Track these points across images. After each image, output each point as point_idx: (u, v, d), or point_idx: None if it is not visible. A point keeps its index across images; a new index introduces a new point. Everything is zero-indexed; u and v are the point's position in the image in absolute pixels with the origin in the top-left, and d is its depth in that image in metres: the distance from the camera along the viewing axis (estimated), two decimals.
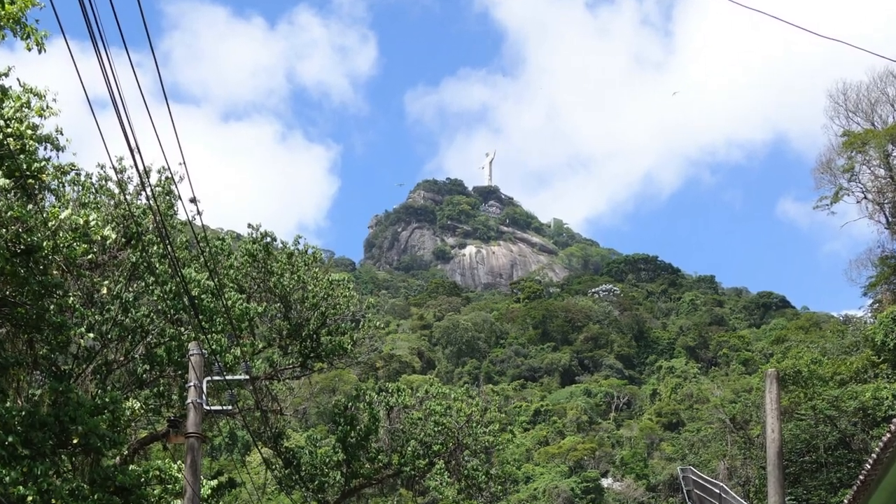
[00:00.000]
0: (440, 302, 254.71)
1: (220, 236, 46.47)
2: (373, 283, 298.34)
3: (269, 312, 42.13)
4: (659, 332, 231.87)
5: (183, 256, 37.42)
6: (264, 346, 42.41)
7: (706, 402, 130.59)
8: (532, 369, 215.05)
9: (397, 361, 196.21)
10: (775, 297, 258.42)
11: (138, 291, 33.72)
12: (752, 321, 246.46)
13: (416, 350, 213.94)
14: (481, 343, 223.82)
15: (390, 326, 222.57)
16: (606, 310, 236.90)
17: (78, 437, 25.49)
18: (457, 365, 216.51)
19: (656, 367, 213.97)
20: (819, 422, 68.19)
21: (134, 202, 34.95)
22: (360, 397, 47.65)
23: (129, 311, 32.76)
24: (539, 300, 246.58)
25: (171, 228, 35.88)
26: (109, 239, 29.50)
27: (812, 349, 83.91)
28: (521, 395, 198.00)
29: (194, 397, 26.78)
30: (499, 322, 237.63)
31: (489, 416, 51.39)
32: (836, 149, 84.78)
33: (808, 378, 70.36)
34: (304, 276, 42.43)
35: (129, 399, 34.01)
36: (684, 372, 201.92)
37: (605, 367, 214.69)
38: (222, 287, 37.11)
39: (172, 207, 36.45)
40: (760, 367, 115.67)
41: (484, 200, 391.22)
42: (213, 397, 34.09)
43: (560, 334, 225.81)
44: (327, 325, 43.26)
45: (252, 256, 41.95)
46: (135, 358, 34.35)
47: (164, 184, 36.03)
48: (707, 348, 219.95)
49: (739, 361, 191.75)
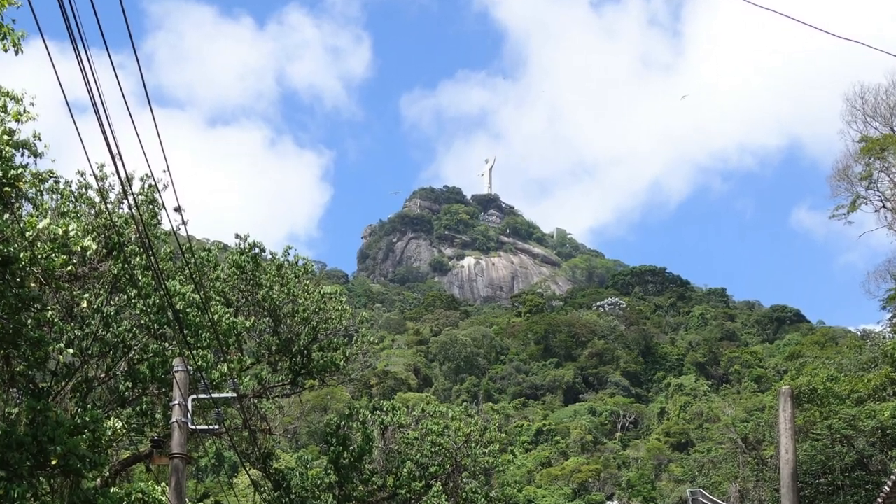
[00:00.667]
0: (437, 316, 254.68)
1: (206, 247, 46.48)
2: (366, 297, 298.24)
3: (258, 327, 42.13)
4: (667, 348, 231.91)
5: (167, 268, 37.40)
6: (252, 362, 42.38)
7: (717, 422, 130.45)
8: (534, 387, 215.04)
9: (392, 378, 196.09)
10: (789, 310, 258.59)
11: (120, 305, 33.68)
12: (764, 336, 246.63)
13: (411, 367, 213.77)
14: (480, 359, 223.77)
15: (385, 342, 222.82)
16: (612, 324, 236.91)
17: (57, 458, 25.44)
18: (455, 382, 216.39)
19: (664, 385, 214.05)
20: (835, 442, 68.14)
21: (116, 211, 34.93)
22: (354, 416, 47.65)
23: (111, 325, 32.73)
24: (541, 314, 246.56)
25: (154, 239, 35.86)
26: (90, 250, 29.47)
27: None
28: (523, 414, 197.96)
29: (179, 416, 26.75)
30: (499, 337, 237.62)
31: (489, 436, 51.41)
32: (854, 155, 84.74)
33: (824, 396, 70.31)
34: (294, 288, 42.43)
35: (111, 418, 33.93)
36: (694, 389, 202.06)
37: (611, 385, 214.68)
38: (208, 300, 37.09)
39: (156, 217, 36.43)
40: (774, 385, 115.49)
41: (483, 209, 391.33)
42: (199, 416, 34.06)
43: (563, 350, 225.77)
44: (319, 341, 43.25)
45: (240, 268, 41.95)
46: (116, 375, 34.31)
47: (147, 192, 36.02)
48: (718, 365, 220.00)
49: (752, 378, 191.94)
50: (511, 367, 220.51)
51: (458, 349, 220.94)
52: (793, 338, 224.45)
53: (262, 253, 43.07)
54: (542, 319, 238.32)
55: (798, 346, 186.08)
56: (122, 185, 30.12)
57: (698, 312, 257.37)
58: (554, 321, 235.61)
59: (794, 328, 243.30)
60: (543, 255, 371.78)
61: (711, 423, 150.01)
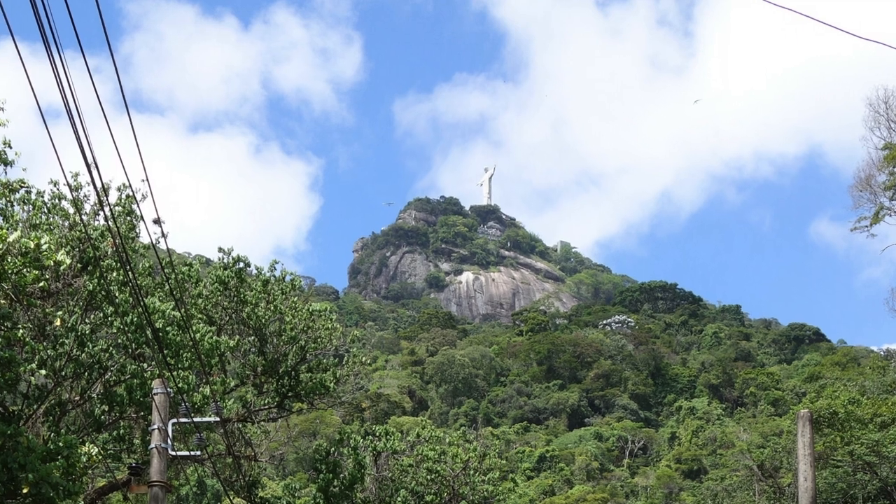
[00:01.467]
0: (433, 335, 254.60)
1: (187, 261, 46.48)
2: (358, 314, 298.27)
3: (243, 346, 42.08)
4: (678, 369, 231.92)
5: (146, 284, 37.38)
6: (237, 384, 42.35)
7: (731, 447, 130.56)
8: (536, 410, 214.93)
9: (385, 401, 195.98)
10: (808, 329, 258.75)
11: (96, 323, 33.64)
12: (782, 356, 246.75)
13: (406, 389, 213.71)
14: (479, 381, 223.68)
15: (378, 362, 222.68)
16: (619, 344, 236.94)
17: (28, 486, 25.41)
18: (452, 405, 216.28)
19: (675, 408, 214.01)
20: (857, 469, 68.13)
21: (91, 223, 34.91)
22: (344, 441, 47.58)
23: (86, 345, 32.69)
24: (544, 333, 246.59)
25: (132, 253, 35.85)
26: (63, 264, 29.46)
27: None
28: (525, 439, 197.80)
29: (158, 441, 26.72)
30: (499, 357, 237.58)
31: (488, 463, 51.37)
32: (877, 163, 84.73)
33: (846, 420, 70.26)
34: (281, 305, 42.41)
35: (86, 443, 33.91)
36: (706, 413, 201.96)
37: (618, 408, 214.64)
38: (190, 318, 37.08)
39: (134, 229, 36.42)
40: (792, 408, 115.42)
41: (482, 221, 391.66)
42: (180, 441, 34.01)
43: (568, 371, 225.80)
44: (307, 361, 43.22)
45: (223, 284, 41.93)
46: (92, 397, 34.25)
47: (124, 203, 36.01)
48: (732, 387, 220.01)
49: (768, 401, 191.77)
50: (512, 390, 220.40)
51: (456, 370, 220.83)
52: (812, 358, 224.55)
53: (247, 268, 43.05)
54: (545, 338, 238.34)
55: (817, 367, 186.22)
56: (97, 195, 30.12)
57: (711, 331, 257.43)
58: (557, 340, 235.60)
59: (813, 348, 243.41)
60: (546, 270, 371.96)
61: (725, 448, 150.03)
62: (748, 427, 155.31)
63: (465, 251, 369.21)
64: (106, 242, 33.85)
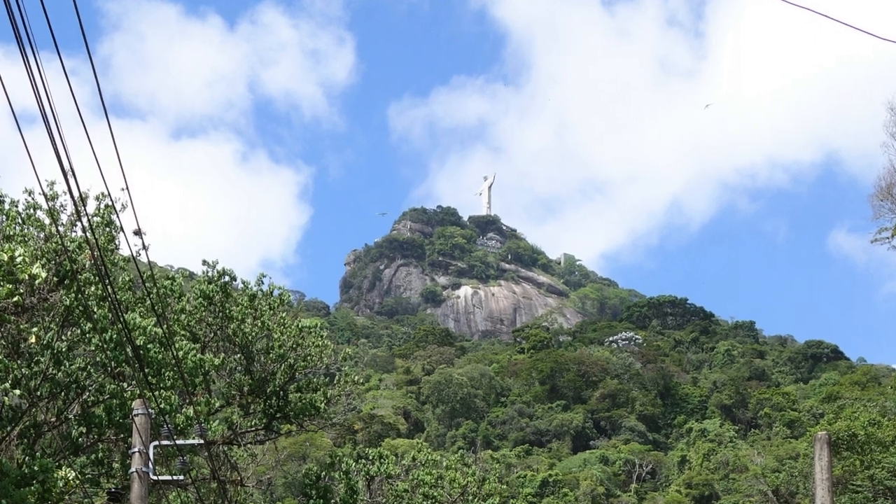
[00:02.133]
0: (430, 352, 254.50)
1: (169, 275, 46.45)
2: (350, 331, 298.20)
3: (228, 365, 42.06)
4: (689, 389, 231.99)
5: (126, 299, 37.37)
6: (222, 404, 42.32)
7: (745, 472, 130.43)
8: (539, 432, 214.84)
9: (379, 423, 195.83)
10: (826, 346, 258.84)
11: (73, 340, 33.63)
12: (798, 375, 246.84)
13: (401, 409, 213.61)
14: (479, 401, 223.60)
15: (371, 381, 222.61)
16: (627, 362, 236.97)
17: None
18: (450, 427, 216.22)
19: (685, 430, 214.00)
20: (878, 494, 68.12)
21: (68, 235, 34.91)
22: (336, 465, 47.55)
23: (62, 363, 32.67)
24: (547, 351, 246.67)
25: (111, 266, 35.84)
26: (39, 278, 29.46)
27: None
28: (526, 463, 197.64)
29: (139, 465, 26.69)
30: (499, 376, 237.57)
31: (488, 488, 51.34)
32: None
33: (865, 443, 70.31)
34: (268, 322, 42.40)
35: (63, 467, 33.87)
36: (718, 435, 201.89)
37: (625, 430, 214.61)
38: (172, 335, 37.06)
39: (113, 241, 36.43)
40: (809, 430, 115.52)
41: (482, 233, 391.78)
42: (162, 465, 33.96)
43: (572, 391, 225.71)
44: (296, 380, 43.21)
45: (207, 299, 41.91)
46: (69, 419, 34.23)
47: (103, 213, 36.02)
48: (745, 407, 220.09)
49: (784, 423, 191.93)
50: (513, 411, 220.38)
51: (454, 390, 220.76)
52: (830, 377, 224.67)
53: (233, 282, 43.05)
54: (548, 356, 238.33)
55: (836, 387, 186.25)
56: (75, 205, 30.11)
57: (724, 349, 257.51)
58: (561, 358, 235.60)
59: (831, 366, 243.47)
60: (549, 284, 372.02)
61: (738, 473, 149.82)
62: (762, 450, 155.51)
63: (464, 264, 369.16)
64: (84, 255, 33.84)
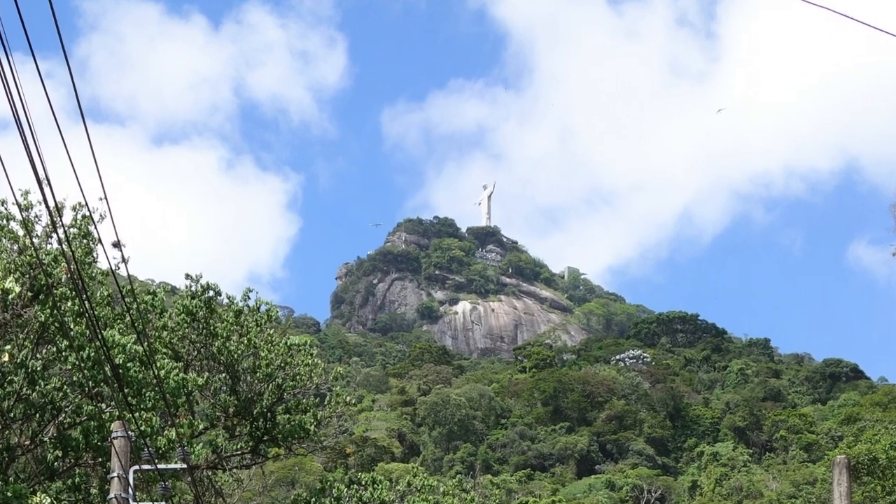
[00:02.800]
0: (426, 372, 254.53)
1: (150, 290, 46.44)
2: (342, 349, 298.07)
3: (212, 385, 42.04)
4: (700, 410, 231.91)
5: (104, 315, 37.34)
6: (206, 426, 42.30)
7: (759, 498, 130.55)
8: (541, 456, 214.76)
9: (372, 446, 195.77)
10: (845, 365, 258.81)
11: (48, 358, 33.61)
12: (816, 396, 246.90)
13: (395, 432, 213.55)
14: (478, 423, 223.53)
15: (364, 402, 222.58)
16: (634, 381, 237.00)
17: None
18: (447, 450, 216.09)
19: (697, 454, 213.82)
20: None
21: (43, 247, 34.91)
22: (327, 491, 47.50)
23: (37, 382, 32.65)
24: (550, 369, 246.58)
25: (89, 280, 35.82)
26: (12, 293, 29.47)
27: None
28: (528, 489, 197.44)
29: (118, 491, 26.65)
30: (499, 397, 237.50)
31: None
32: None
33: (887, 467, 70.28)
34: (255, 339, 42.36)
35: (37, 493, 33.85)
36: (732, 459, 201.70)
37: (633, 454, 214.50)
38: (153, 353, 37.03)
39: (91, 254, 36.42)
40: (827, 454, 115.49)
41: (481, 245, 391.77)
42: (142, 491, 33.95)
43: (576, 412, 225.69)
44: (285, 401, 43.18)
45: (190, 315, 41.89)
46: (44, 441, 34.20)
47: (80, 224, 36.01)
48: (760, 430, 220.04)
49: (801, 446, 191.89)
50: (514, 433, 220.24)
51: (451, 411, 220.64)
52: (849, 398, 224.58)
53: (218, 297, 43.01)
54: (551, 376, 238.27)
55: (856, 408, 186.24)
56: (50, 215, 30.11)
57: (737, 367, 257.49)
58: (565, 378, 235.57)
59: (850, 386, 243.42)
60: (552, 300, 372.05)
61: (753, 499, 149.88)
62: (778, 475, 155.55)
63: (462, 278, 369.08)
64: (59, 268, 33.84)
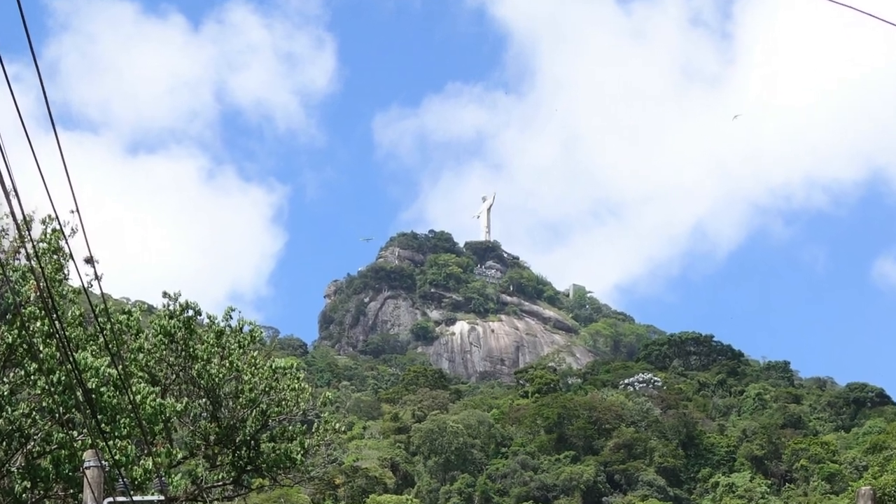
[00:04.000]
0: (421, 397, 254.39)
1: (125, 309, 46.49)
2: (331, 372, 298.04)
3: (192, 411, 42.06)
4: (715, 438, 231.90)
5: (76, 336, 37.36)
6: (185, 455, 42.30)
7: None
8: (544, 487, 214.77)
9: (363, 476, 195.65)
10: (870, 390, 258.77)
11: (16, 383, 33.64)
12: (839, 423, 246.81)
13: (388, 461, 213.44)
14: (476, 452, 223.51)
15: (354, 429, 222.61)
16: (644, 407, 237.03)
17: None
18: (443, 481, 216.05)
19: (711, 485, 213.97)
20: None
21: (10, 263, 34.94)
22: None
23: (4, 408, 32.67)
24: (554, 394, 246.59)
25: (59, 298, 35.84)
26: None
27: None
28: None
29: None
30: (500, 424, 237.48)
31: None
32: None
33: None
34: (238, 361, 42.39)
35: None
36: (749, 491, 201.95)
37: (643, 485, 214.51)
38: (128, 377, 37.05)
39: (62, 270, 36.44)
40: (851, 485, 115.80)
41: (480, 261, 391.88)
42: None
43: (582, 440, 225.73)
44: (269, 428, 43.19)
45: (168, 336, 41.91)
46: (11, 472, 34.21)
47: (50, 239, 36.04)
48: (779, 459, 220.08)
49: (822, 476, 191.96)
50: (515, 462, 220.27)
51: (448, 439, 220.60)
52: (875, 425, 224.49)
53: (198, 316, 43.04)
54: (555, 401, 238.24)
55: (881, 436, 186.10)
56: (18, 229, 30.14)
57: (754, 392, 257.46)
58: (570, 403, 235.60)
59: (876, 412, 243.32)
60: (556, 319, 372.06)
61: None
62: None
63: (459, 296, 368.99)
64: (28, 286, 33.87)
